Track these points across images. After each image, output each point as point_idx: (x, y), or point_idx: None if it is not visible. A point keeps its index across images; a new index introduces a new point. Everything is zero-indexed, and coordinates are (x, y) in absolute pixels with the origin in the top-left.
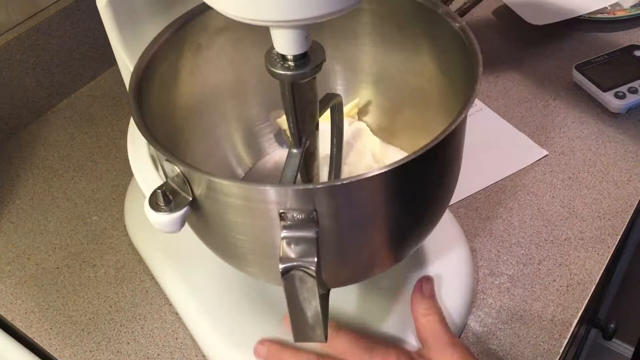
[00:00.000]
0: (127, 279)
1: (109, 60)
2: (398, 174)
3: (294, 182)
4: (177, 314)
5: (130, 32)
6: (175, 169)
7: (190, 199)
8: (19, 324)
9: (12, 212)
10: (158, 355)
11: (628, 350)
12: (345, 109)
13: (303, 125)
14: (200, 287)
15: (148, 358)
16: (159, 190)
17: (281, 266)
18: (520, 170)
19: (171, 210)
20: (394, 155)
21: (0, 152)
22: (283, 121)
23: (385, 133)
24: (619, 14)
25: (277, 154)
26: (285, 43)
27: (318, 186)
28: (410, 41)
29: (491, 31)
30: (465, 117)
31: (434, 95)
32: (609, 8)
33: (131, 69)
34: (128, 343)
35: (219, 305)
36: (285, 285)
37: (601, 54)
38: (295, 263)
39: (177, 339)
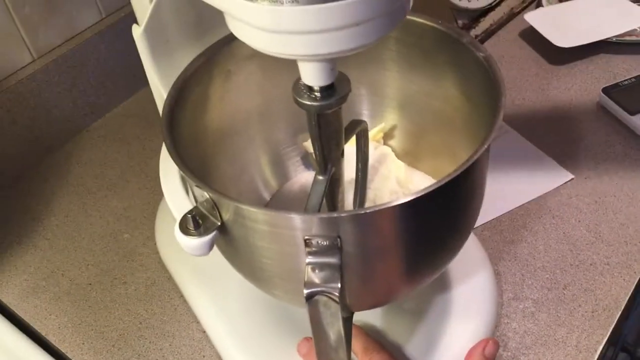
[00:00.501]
0: (156, 296)
1: (141, 81)
2: (421, 203)
3: (319, 209)
4: (204, 332)
5: (164, 60)
6: (204, 195)
7: (219, 223)
8: (52, 339)
9: (47, 228)
10: None
11: None
12: (371, 133)
13: (329, 153)
14: (228, 306)
15: None
16: (189, 215)
17: (306, 291)
18: (546, 193)
19: (200, 235)
20: (418, 179)
21: (37, 171)
22: (309, 144)
23: (410, 157)
24: None
25: (302, 177)
26: (312, 75)
27: (342, 215)
28: (435, 68)
29: (517, 53)
30: (489, 146)
31: (457, 121)
32: (638, 30)
33: (164, 94)
34: (157, 359)
35: (245, 326)
36: (310, 310)
37: (629, 77)
38: (319, 288)
39: (204, 356)
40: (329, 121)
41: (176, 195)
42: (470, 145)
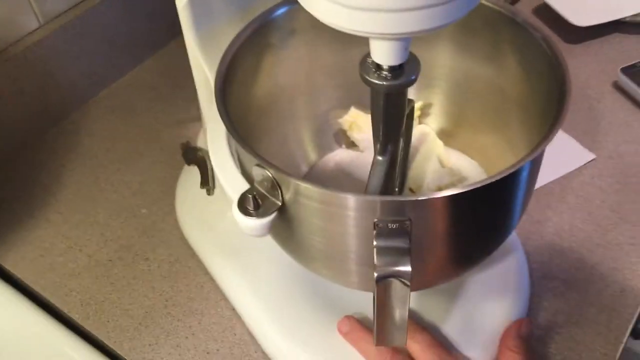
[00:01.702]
0: (181, 273)
1: (149, 50)
2: (493, 188)
3: (380, 190)
4: (233, 309)
5: (206, 32)
6: (265, 174)
7: (280, 204)
8: (75, 316)
9: (60, 202)
10: (217, 350)
11: None
12: None
13: (390, 134)
14: (257, 283)
15: (208, 353)
16: (249, 195)
17: (376, 274)
18: (569, 173)
19: (260, 215)
20: (457, 159)
21: (44, 142)
22: (344, 122)
23: (445, 136)
24: None
25: (337, 154)
26: (385, 54)
27: (419, 198)
28: (487, 47)
29: None
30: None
31: (507, 103)
32: None
33: (205, 68)
34: (187, 337)
35: (277, 301)
36: (378, 293)
37: None
38: (390, 271)
39: (235, 334)
40: (394, 102)
41: (229, 172)
42: (520, 128)
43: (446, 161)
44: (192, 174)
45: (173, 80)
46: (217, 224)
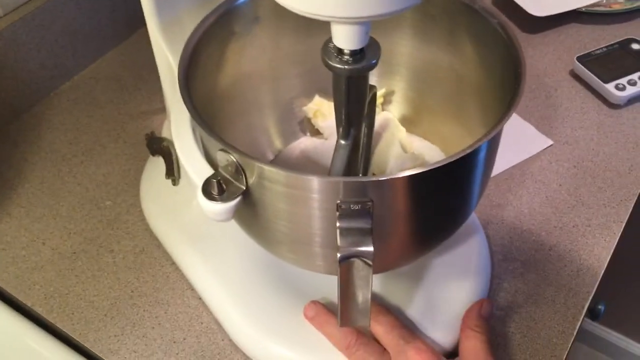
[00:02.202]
0: (146, 264)
1: (111, 42)
2: (454, 166)
3: (342, 173)
4: (200, 298)
5: (169, 20)
6: (229, 158)
7: (244, 188)
8: (39, 309)
9: (21, 196)
10: (184, 339)
11: (613, 335)
12: None
13: (353, 118)
14: (223, 270)
15: (174, 342)
16: (213, 180)
17: (339, 255)
18: (527, 159)
19: (225, 200)
20: (419, 144)
21: (6, 135)
22: (308, 109)
23: (407, 123)
24: (615, 7)
25: (302, 142)
26: (346, 38)
27: (381, 179)
28: (447, 34)
29: None
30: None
31: (465, 87)
32: (605, 1)
33: (169, 55)
34: (153, 327)
35: (244, 288)
36: (341, 274)
37: (600, 47)
38: (353, 252)
39: (202, 323)
40: (356, 86)
41: (193, 157)
42: (479, 113)
43: (409, 146)
44: (156, 164)
45: (136, 72)
46: (183, 213)
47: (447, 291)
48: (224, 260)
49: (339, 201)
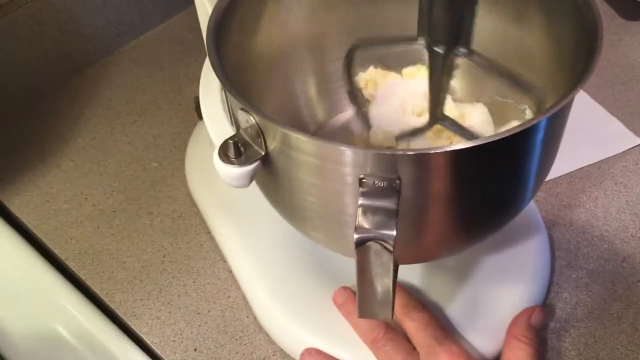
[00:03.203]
0: (182, 230)
1: (181, 3)
2: (497, 147)
3: None
4: (230, 272)
5: None
6: (250, 120)
7: (263, 153)
8: (71, 264)
9: (72, 150)
10: (208, 311)
11: None
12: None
13: None
14: (258, 246)
15: (198, 313)
16: (230, 141)
17: (356, 236)
18: (610, 157)
19: (242, 164)
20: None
21: (65, 89)
22: (360, 79)
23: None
24: None
25: (347, 114)
26: None
27: (408, 152)
28: (516, 3)
29: None
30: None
31: (535, 60)
32: None
33: (209, 9)
34: (179, 296)
35: (276, 268)
36: (358, 258)
37: None
38: (372, 234)
39: (229, 297)
40: None
41: (216, 119)
42: (546, 91)
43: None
44: (204, 129)
45: (201, 37)
46: (223, 182)
47: (496, 293)
48: (259, 236)
49: (362, 175)
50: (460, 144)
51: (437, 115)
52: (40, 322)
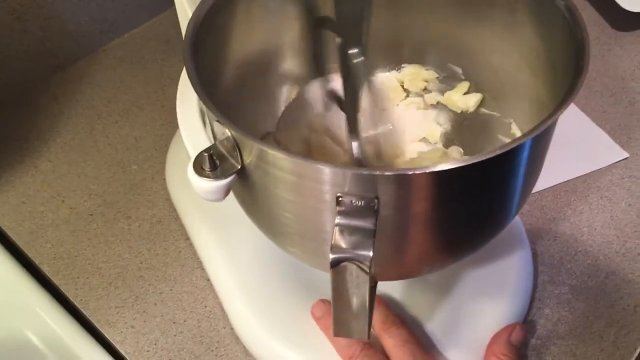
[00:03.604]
0: (161, 236)
1: (166, 3)
2: (480, 168)
3: None
4: (208, 280)
5: None
6: (225, 132)
7: (239, 167)
8: (46, 269)
9: (51, 150)
10: (184, 321)
11: None
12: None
13: None
14: (237, 255)
15: (174, 322)
16: (205, 154)
17: (332, 256)
18: (596, 170)
19: (217, 177)
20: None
21: (47, 87)
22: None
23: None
24: None
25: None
26: None
27: (385, 173)
28: (498, 14)
29: None
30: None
31: (518, 78)
32: None
33: (189, 14)
34: (155, 304)
35: (255, 278)
36: (333, 277)
37: None
38: (348, 255)
39: (205, 306)
40: None
41: (193, 129)
42: (529, 108)
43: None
44: None
45: None
46: None
47: (477, 308)
48: (238, 244)
49: (339, 194)
50: (441, 165)
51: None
52: (11, 327)
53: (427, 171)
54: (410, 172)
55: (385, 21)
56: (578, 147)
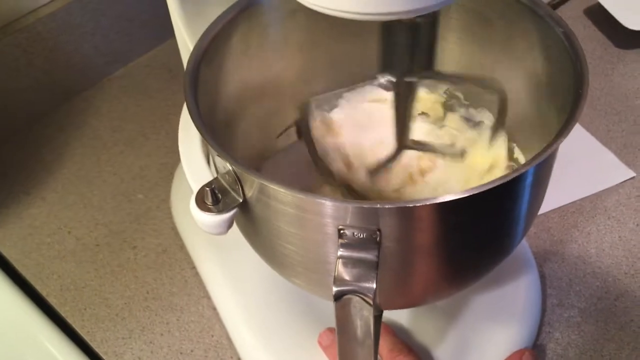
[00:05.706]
0: (166, 265)
1: (170, 31)
2: (480, 199)
3: None
4: (215, 309)
5: (193, 9)
6: (227, 166)
7: (241, 200)
8: (52, 301)
9: (58, 181)
10: (192, 351)
11: None
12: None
13: None
14: (243, 284)
15: (181, 353)
16: (207, 188)
17: (335, 289)
18: (602, 191)
19: (219, 211)
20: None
21: (53, 118)
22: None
23: None
24: None
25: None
26: None
27: (386, 206)
28: (501, 41)
29: (581, 32)
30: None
31: (520, 103)
32: None
33: (190, 47)
34: (162, 334)
35: (261, 308)
36: (337, 309)
37: None
38: (351, 287)
39: (212, 336)
40: None
41: (195, 163)
42: (531, 134)
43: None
44: None
45: None
46: None
47: (485, 334)
48: (244, 273)
49: (341, 226)
50: (442, 197)
51: (405, 142)
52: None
53: (428, 203)
54: (411, 205)
55: None
56: (584, 167)
